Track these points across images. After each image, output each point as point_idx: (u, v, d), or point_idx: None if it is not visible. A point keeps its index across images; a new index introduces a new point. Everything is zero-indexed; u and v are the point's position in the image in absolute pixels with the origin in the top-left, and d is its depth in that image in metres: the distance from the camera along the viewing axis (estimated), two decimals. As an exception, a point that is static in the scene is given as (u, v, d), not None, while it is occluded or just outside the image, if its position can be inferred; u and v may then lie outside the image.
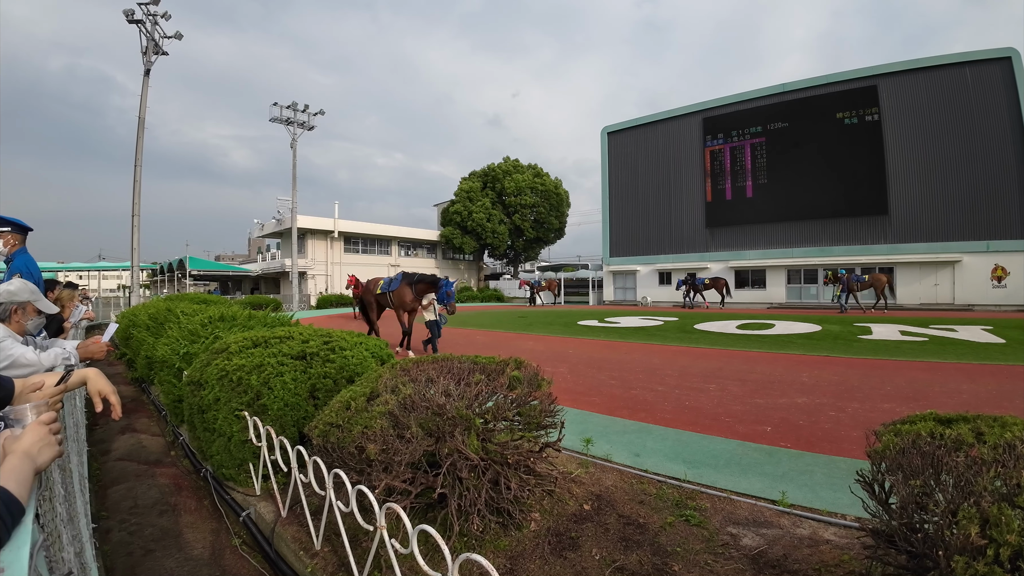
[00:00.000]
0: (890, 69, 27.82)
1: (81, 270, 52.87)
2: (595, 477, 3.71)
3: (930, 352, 9.59)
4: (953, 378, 7.17)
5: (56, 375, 1.85)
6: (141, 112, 21.92)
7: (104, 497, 4.18)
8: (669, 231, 35.82)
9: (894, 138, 27.65)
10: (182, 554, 3.27)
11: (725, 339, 12.63)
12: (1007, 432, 1.86)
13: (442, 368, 3.47)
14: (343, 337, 4.54)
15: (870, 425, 2.41)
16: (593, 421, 5.33)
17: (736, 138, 32.95)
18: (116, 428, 6.03)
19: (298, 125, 32.24)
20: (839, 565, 2.47)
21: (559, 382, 6.34)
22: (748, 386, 6.93)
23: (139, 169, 21.73)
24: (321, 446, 2.89)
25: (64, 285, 6.47)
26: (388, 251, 48.77)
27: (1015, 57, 24.51)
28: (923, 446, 1.90)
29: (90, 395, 1.94)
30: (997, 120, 25.00)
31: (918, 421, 2.18)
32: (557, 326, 17.16)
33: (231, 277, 48.93)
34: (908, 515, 1.77)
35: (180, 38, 22.59)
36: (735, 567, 2.50)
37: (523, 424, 3.06)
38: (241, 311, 6.96)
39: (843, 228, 29.24)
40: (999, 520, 1.40)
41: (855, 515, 2.95)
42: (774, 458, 4.14)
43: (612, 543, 2.75)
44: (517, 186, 47.45)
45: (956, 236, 25.92)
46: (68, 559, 1.63)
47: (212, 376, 3.98)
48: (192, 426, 4.47)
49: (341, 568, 2.60)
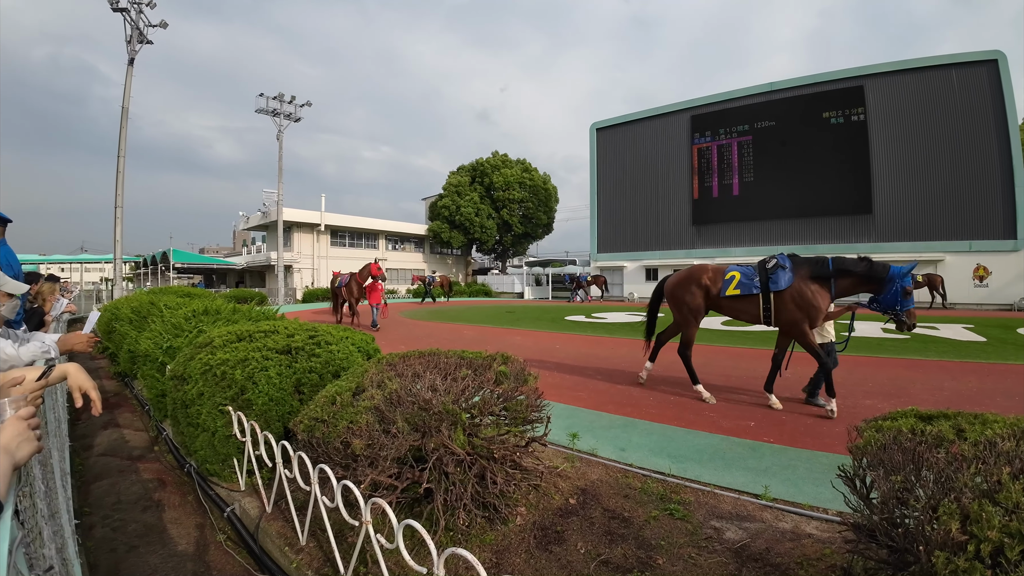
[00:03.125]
0: (876, 70, 28.09)
1: (63, 262, 52.05)
2: (581, 471, 3.73)
3: (912, 350, 9.73)
4: (935, 375, 7.29)
5: (37, 370, 1.82)
6: (125, 102, 21.59)
7: (87, 493, 4.13)
8: (656, 228, 35.97)
9: (879, 138, 27.95)
10: (166, 550, 3.24)
11: (710, 335, 12.70)
12: (988, 429, 1.88)
13: (429, 363, 3.47)
14: (329, 332, 4.51)
15: (852, 421, 2.44)
16: (579, 416, 5.35)
17: (724, 136, 33.12)
18: (99, 423, 5.95)
19: (284, 116, 31.92)
20: (821, 559, 2.50)
21: (546, 377, 6.36)
22: (732, 381, 7.00)
23: (122, 160, 21.41)
24: (306, 441, 2.87)
25: (46, 278, 6.36)
26: (375, 245, 48.46)
27: (1001, 60, 24.84)
28: (904, 442, 1.92)
29: (71, 390, 1.91)
30: (981, 122, 25.34)
31: (899, 418, 2.21)
32: (544, 321, 17.18)
33: (216, 270, 48.37)
34: (889, 510, 1.79)
35: (165, 27, 22.26)
36: (718, 560, 2.53)
37: (510, 419, 3.06)
38: (225, 305, 6.89)
39: (828, 226, 29.53)
40: (980, 516, 1.41)
41: (837, 509, 2.98)
42: (757, 453, 4.19)
43: (597, 537, 2.77)
44: (506, 181, 47.34)
45: (939, 236, 26.29)
46: (49, 555, 1.61)
47: (196, 370, 3.94)
48: (176, 421, 4.42)
49: (327, 563, 2.59)
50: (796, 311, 5.54)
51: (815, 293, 5.48)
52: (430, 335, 13.47)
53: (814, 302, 5.46)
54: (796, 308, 5.54)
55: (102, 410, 1.97)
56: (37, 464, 2.00)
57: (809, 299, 5.48)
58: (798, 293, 5.54)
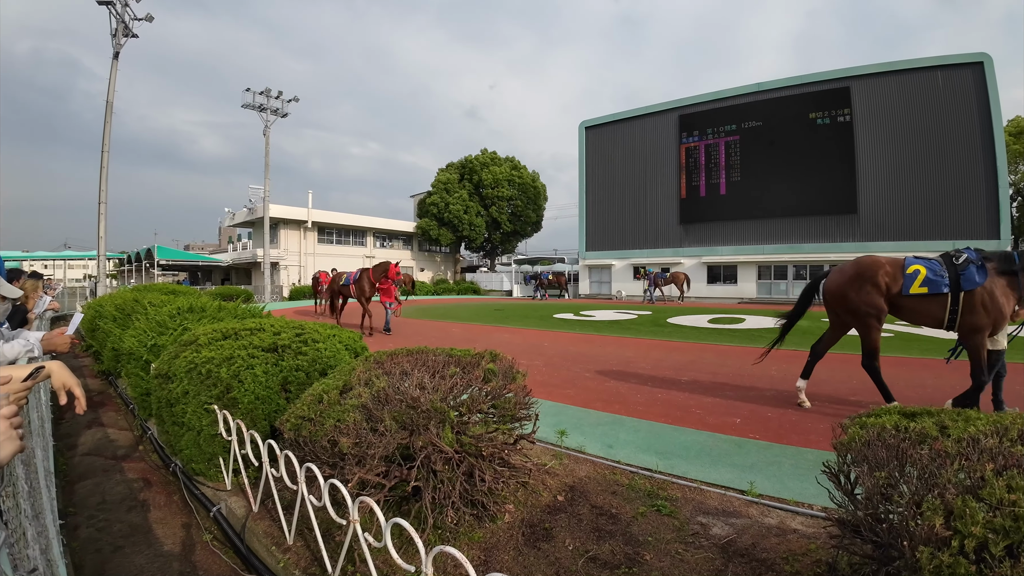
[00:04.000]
0: (863, 71, 28.38)
1: (46, 259, 51.35)
2: (569, 469, 3.74)
3: (895, 347, 9.84)
4: (918, 373, 7.39)
5: (24, 369, 1.79)
6: (109, 96, 21.27)
7: (71, 493, 4.08)
8: (644, 226, 36.10)
9: (865, 139, 28.25)
10: (152, 550, 3.21)
11: (697, 333, 12.80)
12: (971, 426, 1.91)
13: (417, 361, 3.46)
14: (316, 329, 4.48)
15: (836, 418, 2.47)
16: (567, 413, 5.36)
17: (711, 136, 33.31)
18: (83, 422, 5.87)
19: (271, 112, 31.58)
20: (806, 554, 2.53)
21: (534, 375, 6.37)
22: (719, 379, 7.05)
23: (106, 155, 21.11)
24: (293, 440, 2.85)
25: (28, 275, 6.27)
26: (363, 242, 48.16)
27: (987, 62, 25.18)
28: (888, 439, 1.94)
29: (54, 388, 1.89)
30: (966, 123, 25.69)
31: (883, 414, 2.23)
32: (533, 319, 17.20)
33: (201, 267, 47.81)
34: (873, 506, 1.81)
35: (151, 20, 21.98)
36: (705, 556, 2.55)
37: (498, 416, 3.06)
38: (211, 302, 6.83)
39: (813, 226, 29.82)
40: (963, 512, 1.43)
41: (822, 505, 3.02)
42: (743, 449, 4.22)
43: (585, 533, 2.78)
44: (495, 178, 47.25)
45: (923, 235, 26.59)
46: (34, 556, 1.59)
47: (181, 369, 3.90)
48: (161, 420, 4.37)
49: (314, 563, 2.58)
50: (984, 316, 4.76)
51: (1004, 293, 4.75)
52: (418, 333, 13.43)
53: (1002, 305, 4.74)
54: (984, 312, 4.76)
55: (86, 408, 1.95)
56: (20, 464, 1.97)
57: (999, 301, 4.73)
58: (989, 294, 4.75)
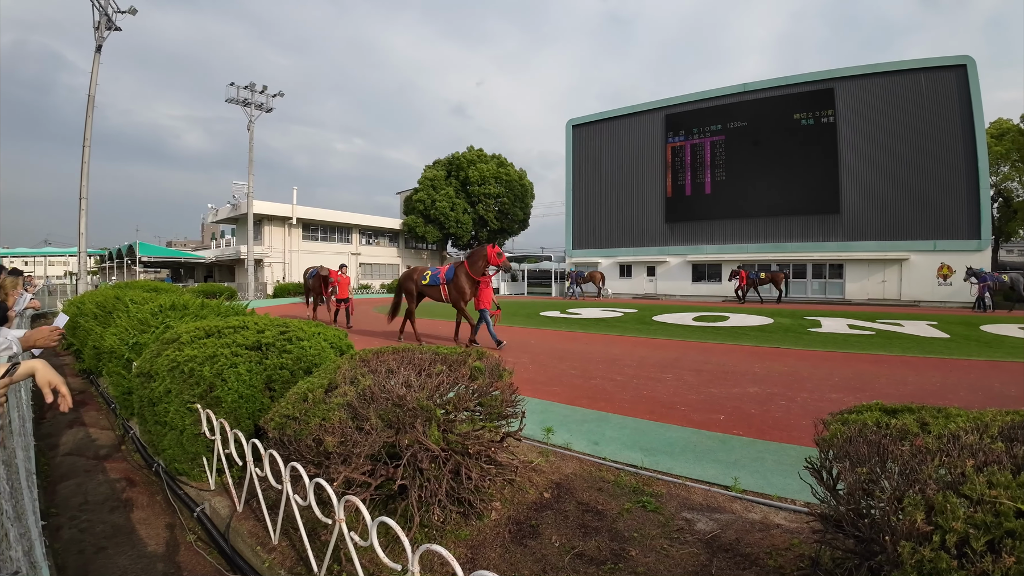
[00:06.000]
0: (847, 73, 28.66)
1: (26, 256, 50.50)
2: (555, 466, 3.75)
3: (877, 345, 9.99)
4: (899, 370, 7.50)
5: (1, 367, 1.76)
6: (91, 90, 20.87)
7: (53, 493, 4.02)
8: (630, 225, 36.20)
9: (848, 140, 28.54)
10: (135, 551, 3.17)
11: (682, 331, 12.89)
12: (951, 423, 1.93)
13: (403, 359, 3.45)
14: (300, 327, 4.45)
15: (819, 414, 2.50)
16: (554, 411, 5.38)
17: (697, 135, 33.46)
18: (64, 422, 5.78)
19: (255, 107, 31.24)
20: (789, 548, 2.56)
21: (521, 372, 6.38)
22: (703, 376, 7.10)
23: (87, 150, 20.73)
24: (277, 439, 2.83)
25: (8, 271, 6.16)
26: (349, 239, 47.81)
27: (970, 65, 25.50)
28: (869, 435, 1.96)
29: (39, 386, 1.86)
30: (948, 125, 26.01)
31: (865, 411, 2.26)
32: (520, 317, 17.21)
33: (183, 264, 47.27)
34: (855, 501, 1.83)
35: (134, 13, 21.56)
36: (690, 551, 2.57)
37: (484, 414, 3.06)
38: (193, 299, 6.75)
39: (797, 225, 30.09)
40: (944, 507, 1.45)
41: (804, 500, 3.06)
42: (727, 445, 4.26)
43: (571, 530, 2.79)
44: (481, 176, 47.14)
45: (905, 235, 26.97)
46: (16, 558, 1.56)
47: (163, 367, 3.85)
48: (143, 419, 4.32)
49: (300, 562, 2.56)
50: None
51: None
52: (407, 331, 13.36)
53: None
54: None
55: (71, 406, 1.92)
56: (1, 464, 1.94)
57: None
58: None
